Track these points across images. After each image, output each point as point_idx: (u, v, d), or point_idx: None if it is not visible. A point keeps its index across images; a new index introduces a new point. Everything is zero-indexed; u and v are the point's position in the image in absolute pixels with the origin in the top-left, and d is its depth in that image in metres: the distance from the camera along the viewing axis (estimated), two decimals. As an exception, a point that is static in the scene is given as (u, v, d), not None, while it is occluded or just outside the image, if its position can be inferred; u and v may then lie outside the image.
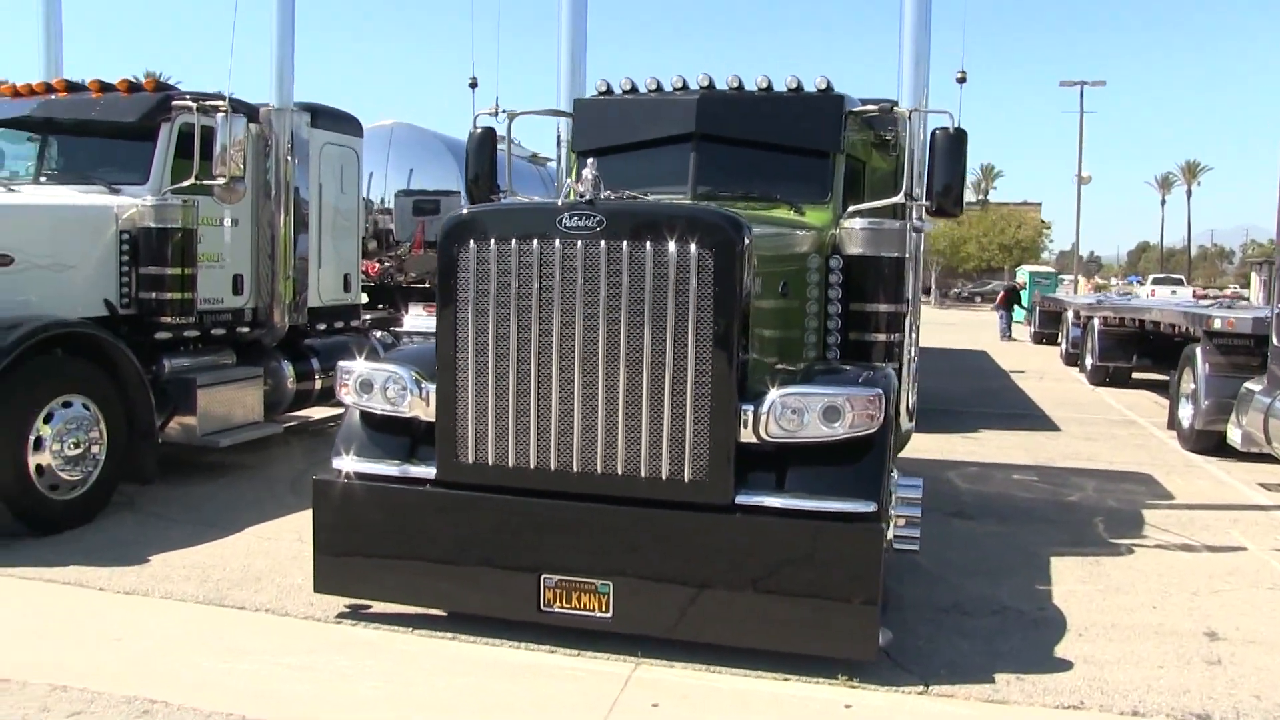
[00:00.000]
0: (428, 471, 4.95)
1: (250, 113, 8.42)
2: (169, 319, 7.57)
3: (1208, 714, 4.25)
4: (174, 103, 7.64)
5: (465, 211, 4.91)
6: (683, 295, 4.51)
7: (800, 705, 4.28)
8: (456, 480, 4.88)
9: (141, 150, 7.68)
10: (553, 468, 4.73)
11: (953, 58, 7.18)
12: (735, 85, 6.90)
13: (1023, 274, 38.11)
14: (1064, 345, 20.65)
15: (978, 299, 55.64)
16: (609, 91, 7.27)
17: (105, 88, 7.84)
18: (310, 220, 9.08)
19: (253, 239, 8.61)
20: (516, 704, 4.27)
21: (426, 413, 4.96)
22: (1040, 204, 72.59)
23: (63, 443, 6.43)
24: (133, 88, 7.82)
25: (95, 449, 6.70)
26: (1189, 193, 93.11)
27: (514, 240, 4.69)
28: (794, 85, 6.84)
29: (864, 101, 6.93)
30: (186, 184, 7.53)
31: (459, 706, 4.25)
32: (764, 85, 6.87)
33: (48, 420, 6.37)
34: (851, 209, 6.62)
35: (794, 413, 4.49)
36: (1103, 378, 16.64)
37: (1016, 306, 30.75)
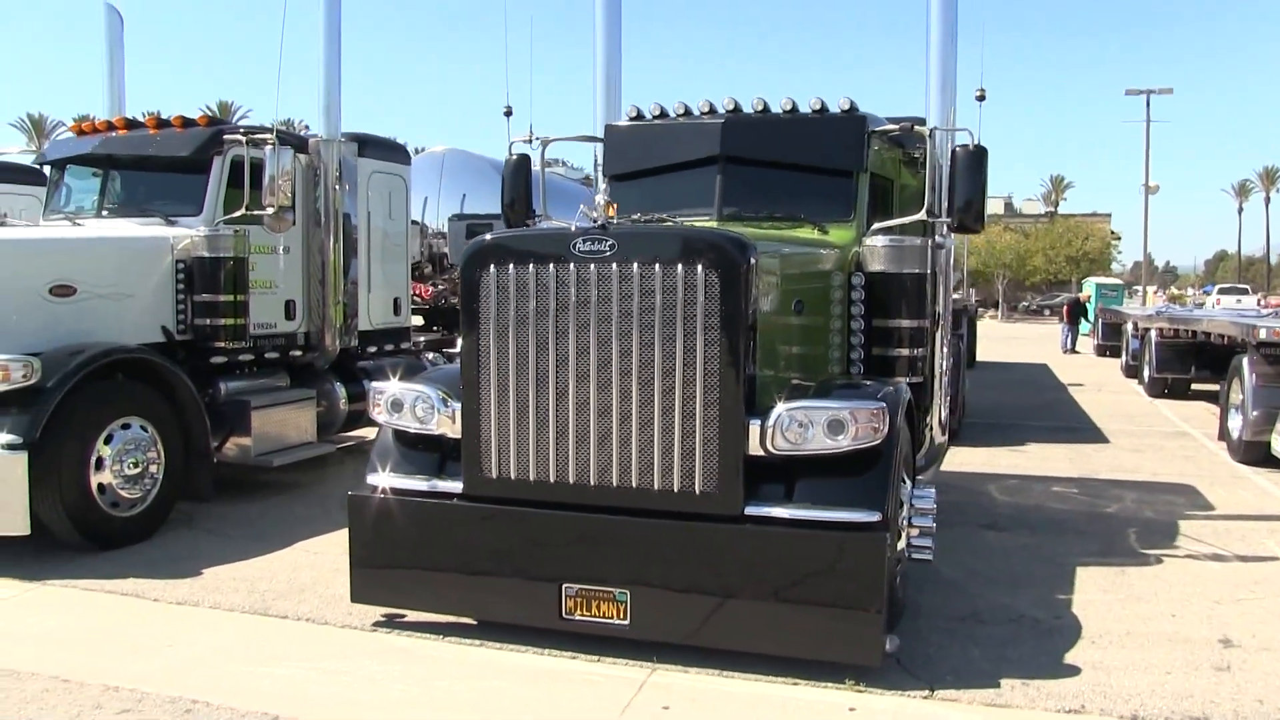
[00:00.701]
0: (455, 486, 5.20)
1: (299, 144, 8.84)
2: (223, 344, 7.96)
3: (1207, 717, 4.29)
4: (225, 136, 8.07)
5: (486, 238, 5.16)
6: (691, 314, 4.70)
7: (805, 708, 4.41)
8: (482, 494, 5.12)
9: (196, 183, 8.12)
10: (571, 481, 4.94)
11: (986, 75, 7.27)
12: (760, 108, 7.07)
13: (1089, 286, 37.38)
14: (1124, 357, 20.30)
15: (1046, 312, 54.57)
16: (639, 117, 7.50)
17: (161, 124, 8.31)
18: (360, 246, 9.45)
19: (304, 265, 9.00)
20: (534, 706, 4.48)
21: (453, 430, 5.21)
22: (1110, 214, 70.98)
23: (122, 463, 6.83)
24: (187, 123, 8.28)
25: (153, 468, 7.09)
26: (1267, 199, 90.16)
27: (531, 264, 4.93)
28: (818, 107, 7.00)
29: (889, 120, 7.05)
30: (238, 214, 7.94)
31: (479, 708, 4.47)
32: (788, 107, 7.04)
33: (108, 441, 6.77)
34: (876, 226, 6.75)
35: (800, 426, 4.65)
36: (1161, 389, 16.35)
37: (1082, 319, 30.22)
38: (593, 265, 4.82)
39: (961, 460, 10.68)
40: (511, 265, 4.97)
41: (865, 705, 4.43)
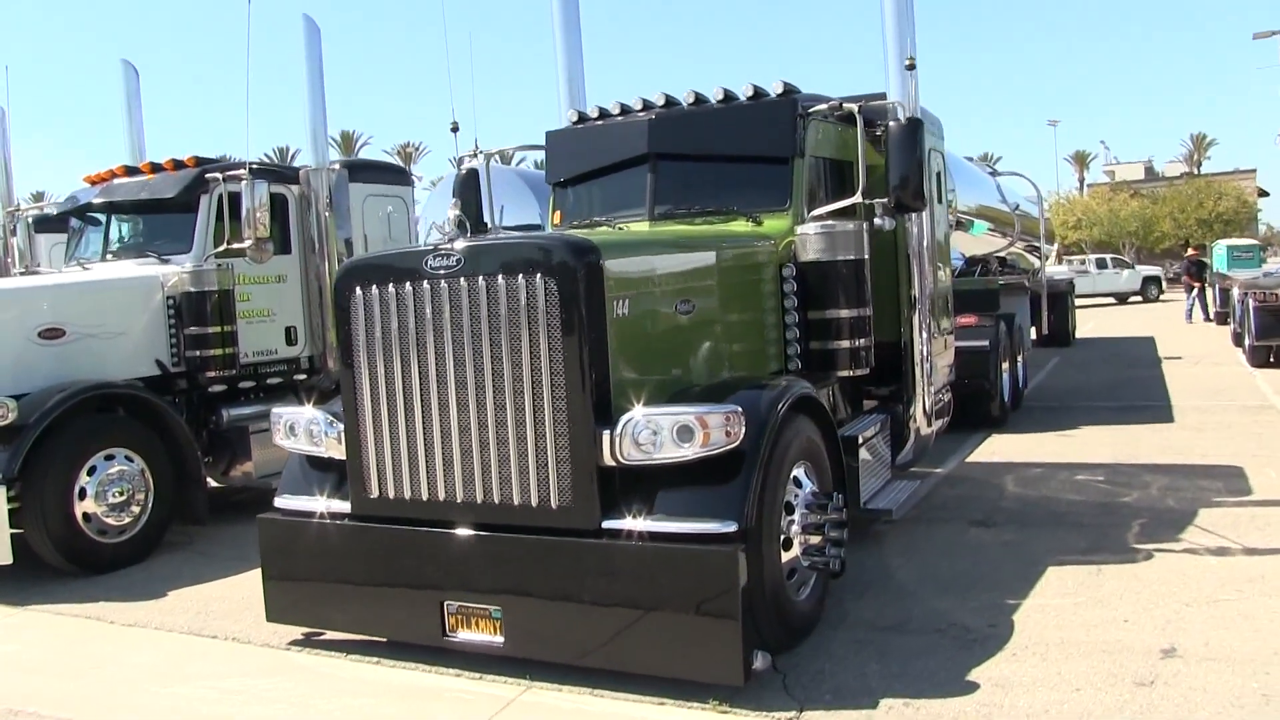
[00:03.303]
0: (346, 506, 5.25)
1: (290, 176, 9.16)
2: (213, 373, 8.30)
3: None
4: (207, 176, 8.42)
5: (350, 261, 5.19)
6: (534, 324, 4.60)
7: (658, 729, 4.23)
8: (367, 514, 5.16)
9: (188, 222, 8.50)
10: (442, 499, 4.91)
11: (957, 47, 6.83)
12: (692, 100, 6.86)
13: (1219, 248, 34.51)
14: (1232, 325, 18.71)
15: (1184, 278, 50.85)
16: (582, 119, 7.40)
17: (155, 168, 8.73)
18: (363, 268, 9.67)
19: (303, 292, 9.29)
20: (396, 724, 4.48)
21: (339, 452, 5.26)
22: (1254, 170, 65.05)
23: (106, 492, 7.21)
24: (178, 165, 8.67)
25: (140, 496, 7.45)
26: None
27: (391, 284, 4.93)
28: (750, 93, 6.73)
29: (824, 99, 6.71)
30: (220, 249, 8.26)
31: (343, 728, 4.50)
32: (720, 97, 6.80)
33: (91, 473, 7.16)
34: (814, 213, 6.45)
35: (650, 433, 4.46)
36: (1265, 359, 15.02)
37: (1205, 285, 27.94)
38: (444, 281, 4.78)
39: (997, 449, 10.12)
40: (375, 286, 4.99)
41: (719, 726, 4.21)
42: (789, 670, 4.72)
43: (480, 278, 4.69)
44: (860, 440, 6.63)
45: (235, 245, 8.27)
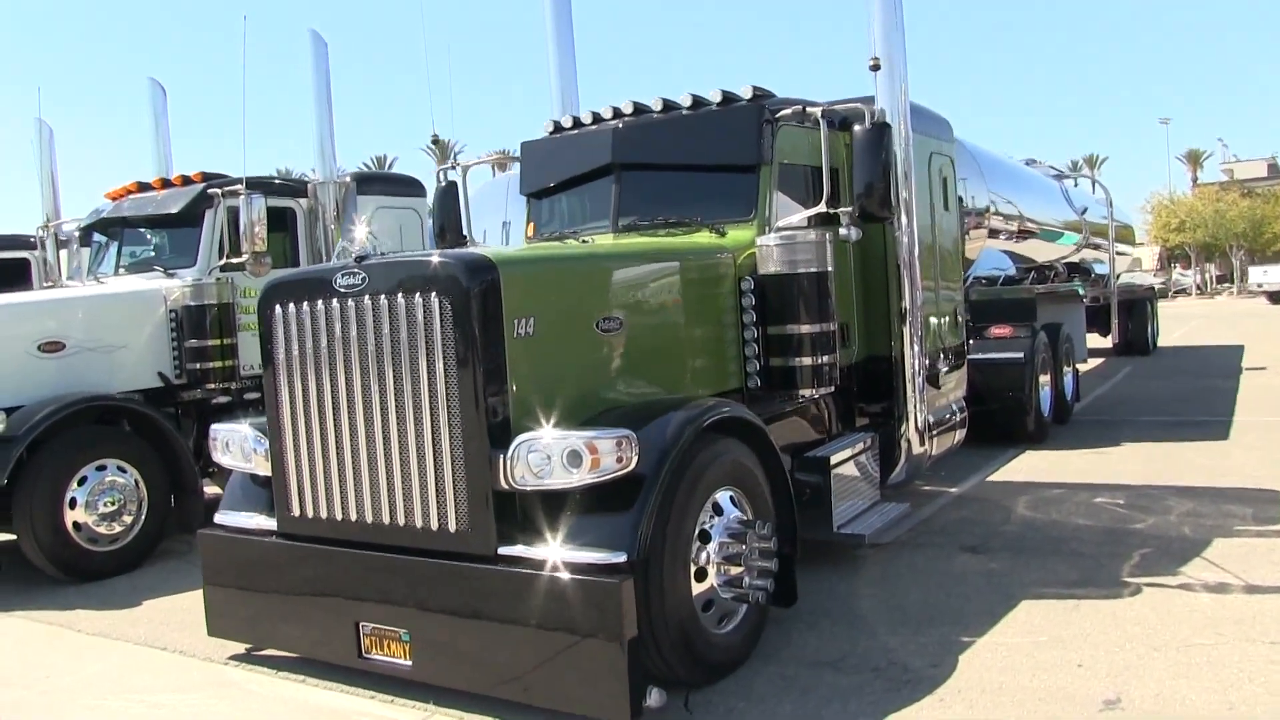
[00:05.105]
0: (273, 524, 5.24)
1: (299, 190, 9.30)
2: (214, 385, 8.46)
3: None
4: (210, 191, 8.60)
5: (273, 278, 5.17)
6: (432, 344, 4.49)
7: (532, 766, 4.06)
8: (291, 532, 5.13)
9: (193, 236, 8.71)
10: (354, 519, 4.85)
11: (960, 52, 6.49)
12: (660, 107, 6.66)
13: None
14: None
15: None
16: (558, 129, 7.28)
17: (166, 184, 8.99)
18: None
19: (312, 304, 9.40)
20: (287, 750, 4.42)
21: (265, 469, 5.25)
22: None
23: (97, 502, 7.39)
24: (186, 181, 8.90)
25: (132, 506, 7.62)
26: None
27: (305, 302, 4.89)
28: (719, 99, 6.50)
29: (790, 103, 6.42)
30: (220, 262, 8.43)
31: (236, 751, 4.46)
32: (688, 103, 6.59)
33: (82, 483, 7.35)
34: (779, 224, 6.18)
35: (542, 458, 4.30)
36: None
37: None
38: (350, 300, 4.72)
39: (1024, 467, 9.61)
40: (291, 304, 4.95)
41: (591, 766, 4.01)
42: (700, 707, 4.50)
43: (383, 296, 4.61)
44: (833, 461, 6.34)
45: (234, 259, 8.42)
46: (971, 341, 10.90)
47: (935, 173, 7.83)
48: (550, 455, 4.28)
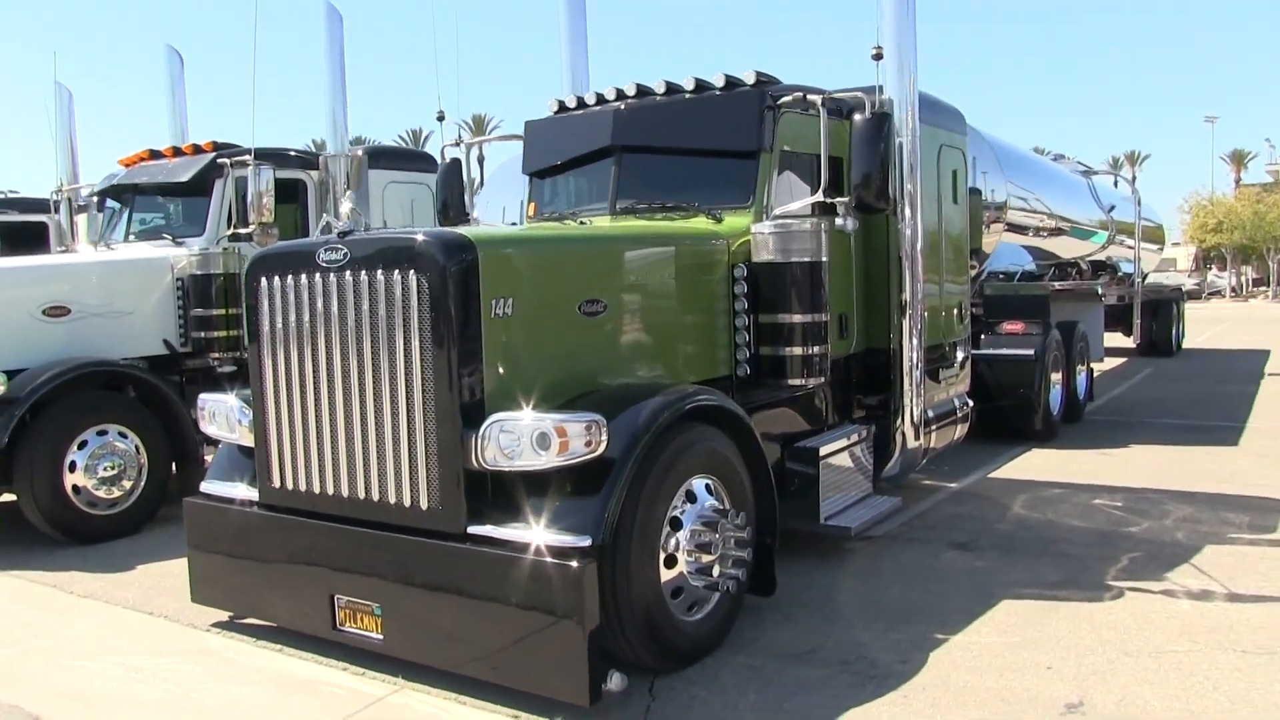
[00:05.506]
0: (255, 494, 5.29)
1: (310, 162, 9.34)
2: (218, 354, 8.54)
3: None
4: (219, 161, 8.66)
5: (260, 250, 5.21)
6: (409, 322, 4.50)
7: (497, 742, 4.09)
8: (272, 503, 5.18)
9: (203, 206, 8.77)
10: (331, 493, 4.89)
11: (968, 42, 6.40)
12: (663, 90, 6.61)
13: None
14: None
15: None
16: (563, 109, 7.25)
17: (177, 152, 9.05)
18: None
19: (320, 276, 9.46)
20: (250, 712, 4.51)
21: (249, 439, 5.30)
22: None
23: (97, 466, 7.50)
24: (197, 150, 8.96)
25: (131, 471, 7.73)
26: None
27: (290, 275, 4.92)
28: (722, 83, 6.45)
29: (792, 90, 6.35)
30: (228, 232, 8.50)
31: (207, 713, 4.52)
32: (691, 86, 6.53)
33: (82, 447, 7.46)
34: (776, 212, 6.14)
35: (512, 439, 4.31)
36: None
37: None
38: (333, 275, 4.74)
39: (1027, 465, 9.52)
40: (276, 278, 4.98)
41: (552, 747, 4.04)
42: (664, 694, 4.51)
43: (363, 272, 4.63)
44: (822, 452, 6.31)
45: (242, 230, 8.48)
46: (984, 336, 10.84)
47: (944, 165, 7.73)
48: (520, 437, 4.29)
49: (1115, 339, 17.02)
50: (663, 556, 4.57)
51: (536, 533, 4.26)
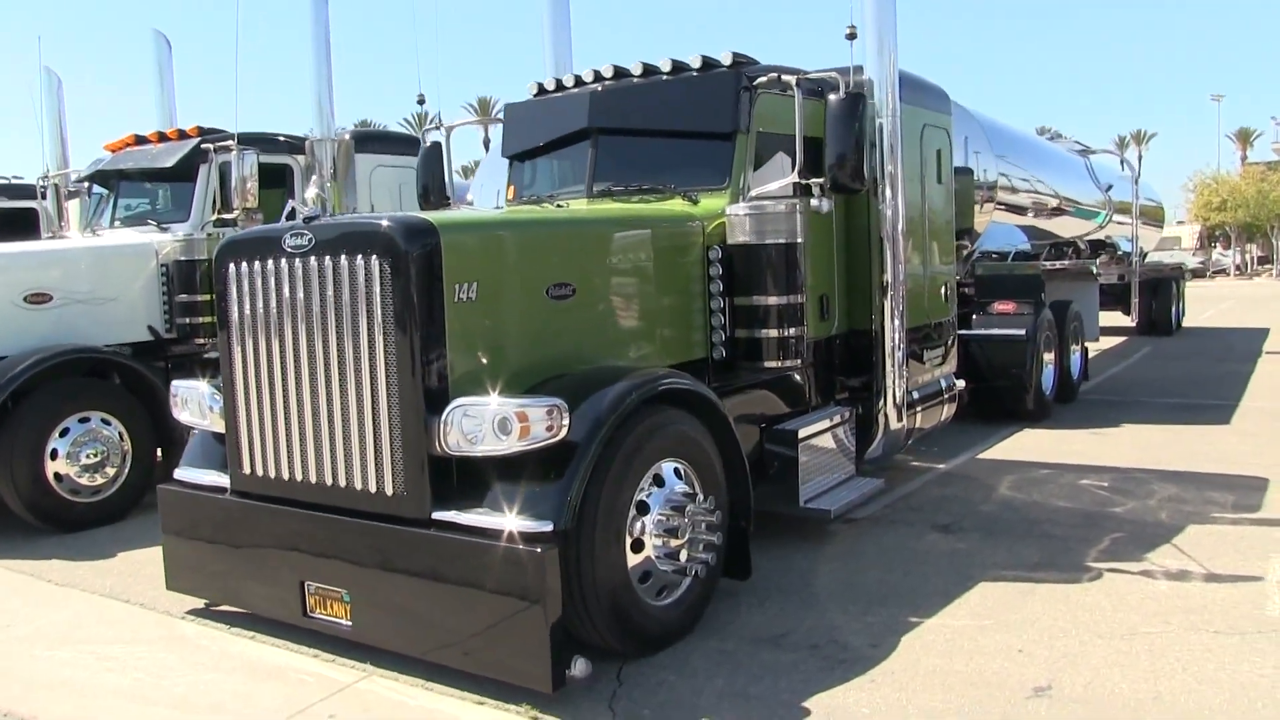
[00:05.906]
0: (226, 481, 5.28)
1: (297, 146, 9.29)
2: (203, 340, 8.52)
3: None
4: (204, 146, 8.62)
5: (228, 236, 5.18)
6: (372, 307, 4.47)
7: (461, 731, 4.09)
8: (243, 490, 5.17)
9: (188, 191, 8.74)
10: (299, 479, 4.87)
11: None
12: (640, 72, 6.54)
13: None
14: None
15: None
16: (543, 91, 7.18)
17: (162, 137, 9.00)
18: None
19: (306, 262, 9.42)
20: (220, 699, 4.50)
21: (221, 426, 5.28)
22: None
23: (79, 453, 7.50)
24: (182, 135, 8.91)
25: (115, 458, 7.73)
26: None
27: (256, 261, 4.88)
28: (698, 65, 6.38)
29: (769, 71, 6.28)
30: (213, 218, 8.46)
31: (174, 701, 4.52)
32: (668, 68, 6.47)
33: (64, 434, 7.46)
34: (753, 194, 6.08)
35: (474, 424, 4.28)
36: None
37: None
38: (298, 260, 4.71)
39: (1017, 445, 9.49)
40: (244, 263, 4.95)
41: (518, 735, 4.03)
42: (632, 679, 4.49)
43: (327, 258, 4.59)
44: (801, 435, 6.27)
45: (226, 215, 8.45)
46: (975, 316, 10.78)
47: (927, 145, 7.65)
48: (482, 422, 4.26)
49: (1115, 318, 16.94)
50: (629, 541, 4.55)
51: (499, 518, 4.24)
